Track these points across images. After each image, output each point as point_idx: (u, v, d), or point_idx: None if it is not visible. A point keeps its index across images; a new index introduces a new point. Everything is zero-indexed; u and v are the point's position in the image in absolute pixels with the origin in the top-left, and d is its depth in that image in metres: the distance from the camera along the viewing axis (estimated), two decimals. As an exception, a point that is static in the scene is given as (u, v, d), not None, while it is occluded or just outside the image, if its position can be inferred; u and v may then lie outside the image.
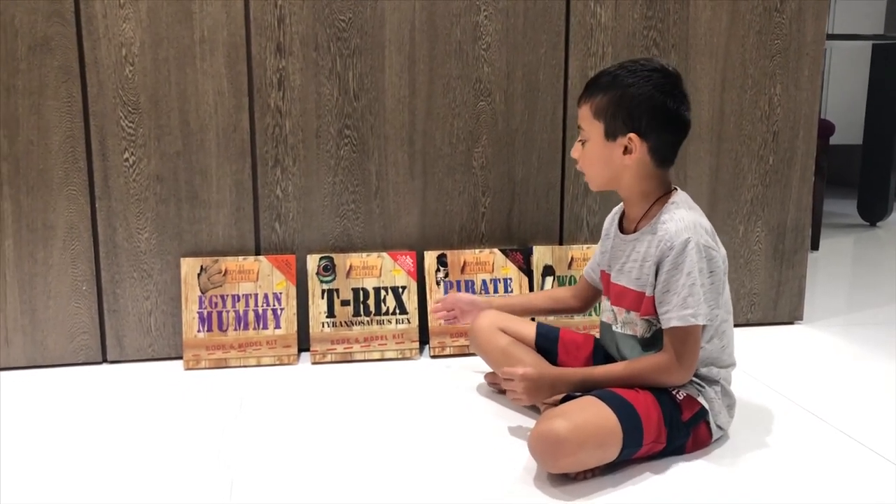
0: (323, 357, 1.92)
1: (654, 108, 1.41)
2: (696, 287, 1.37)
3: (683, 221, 1.40)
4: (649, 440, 1.37)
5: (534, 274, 2.04)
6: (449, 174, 2.01)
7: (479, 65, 1.98)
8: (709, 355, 1.45)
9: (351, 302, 1.94)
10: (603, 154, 1.45)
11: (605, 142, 1.44)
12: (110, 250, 1.88)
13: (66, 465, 1.41)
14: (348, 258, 1.95)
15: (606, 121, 1.43)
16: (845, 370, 1.91)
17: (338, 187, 1.96)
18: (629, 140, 1.42)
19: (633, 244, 1.48)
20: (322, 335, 1.93)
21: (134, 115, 1.85)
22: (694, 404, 1.43)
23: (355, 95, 1.93)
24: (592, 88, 1.46)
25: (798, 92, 2.13)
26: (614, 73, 1.43)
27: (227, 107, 1.89)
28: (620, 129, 1.42)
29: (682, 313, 1.37)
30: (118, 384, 1.80)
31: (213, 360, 1.88)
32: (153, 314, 1.92)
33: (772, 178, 2.16)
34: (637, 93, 1.41)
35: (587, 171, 1.50)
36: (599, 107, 1.43)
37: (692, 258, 1.37)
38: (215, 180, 1.91)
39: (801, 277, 2.22)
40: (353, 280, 1.95)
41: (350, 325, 1.93)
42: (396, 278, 1.97)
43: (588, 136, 1.46)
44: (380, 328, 1.94)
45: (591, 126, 1.45)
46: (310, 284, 1.94)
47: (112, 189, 1.86)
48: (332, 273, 1.94)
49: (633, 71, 1.42)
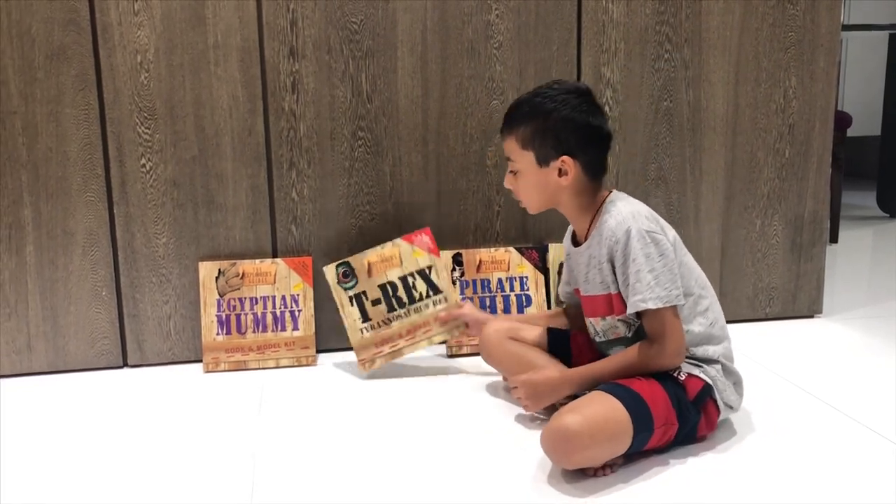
0: (373, 364, 1.85)
1: (578, 128, 1.47)
2: (654, 272, 1.39)
3: (621, 214, 1.45)
4: (660, 423, 1.37)
5: (550, 272, 2.04)
6: (463, 174, 2.01)
7: (491, 64, 1.98)
8: (697, 336, 1.46)
9: (381, 300, 1.86)
10: (538, 181, 1.50)
11: (539, 168, 1.49)
12: (129, 256, 1.90)
13: (89, 468, 1.42)
14: (365, 257, 1.88)
15: (535, 149, 1.48)
16: (865, 363, 1.89)
17: (353, 189, 1.97)
18: (562, 163, 1.47)
19: (587, 252, 1.52)
20: (364, 341, 1.85)
21: (150, 122, 1.87)
22: (696, 382, 1.43)
23: (368, 97, 1.94)
24: (513, 120, 1.50)
25: (813, 84, 2.12)
26: (532, 102, 1.49)
27: (242, 111, 1.90)
28: (551, 154, 1.48)
29: (648, 295, 1.39)
30: (139, 388, 1.82)
31: (232, 363, 1.90)
32: (172, 318, 1.94)
33: (788, 171, 2.15)
34: (559, 116, 1.46)
35: (523, 198, 1.55)
36: (525, 137, 1.49)
37: (636, 245, 1.40)
38: (231, 184, 1.92)
39: (819, 270, 2.21)
40: (377, 277, 1.87)
41: (389, 323, 1.88)
42: (419, 260, 1.88)
43: (519, 166, 1.51)
44: (419, 316, 1.86)
45: (520, 157, 1.50)
46: (335, 296, 1.87)
47: (129, 195, 1.88)
48: (353, 277, 1.87)
49: (549, 96, 1.48)
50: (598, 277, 1.49)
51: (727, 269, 2.14)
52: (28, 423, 1.62)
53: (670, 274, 1.41)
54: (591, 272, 1.50)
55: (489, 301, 2.01)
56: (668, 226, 1.49)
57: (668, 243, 1.43)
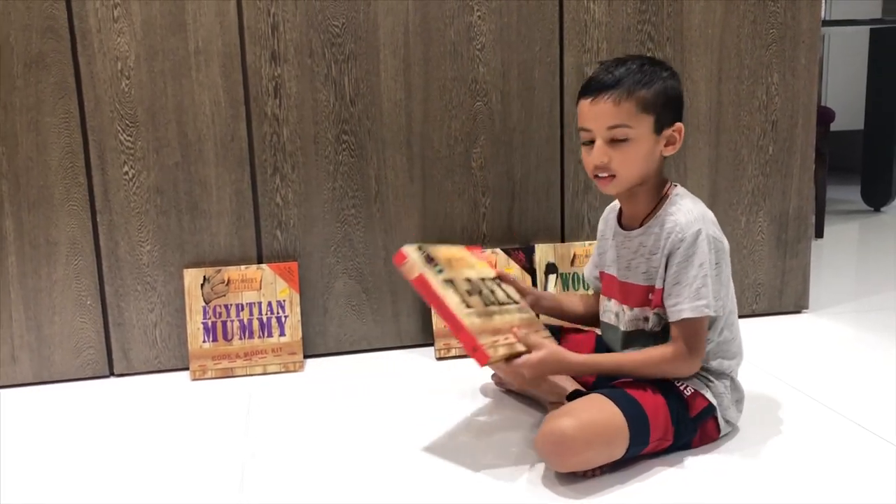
0: (496, 352, 1.37)
1: (682, 100, 1.44)
2: (707, 278, 1.36)
3: (692, 213, 1.39)
4: (656, 437, 1.36)
5: (537, 272, 2.03)
6: (448, 176, 2.01)
7: (474, 65, 1.98)
8: (719, 348, 1.45)
9: (472, 291, 1.46)
10: (649, 149, 1.39)
11: (652, 136, 1.38)
12: (113, 264, 1.89)
13: (78, 479, 1.41)
14: (438, 249, 1.50)
15: (658, 112, 1.37)
16: (852, 358, 1.90)
17: (337, 192, 1.96)
18: (674, 131, 1.41)
19: (639, 239, 1.45)
20: (477, 327, 1.37)
21: (132, 129, 1.85)
22: (701, 400, 1.42)
23: (351, 100, 1.93)
24: (629, 83, 1.36)
25: (795, 80, 2.13)
26: (645, 69, 1.38)
27: (224, 116, 1.89)
28: (668, 120, 1.40)
29: (695, 304, 1.36)
30: (126, 397, 1.80)
31: (219, 370, 1.89)
32: (158, 326, 1.92)
33: (772, 167, 2.15)
34: (674, 84, 1.41)
35: (625, 170, 1.38)
36: (648, 99, 1.36)
37: (703, 249, 1.36)
38: (215, 190, 1.91)
39: (805, 266, 2.22)
40: (458, 270, 1.50)
41: (490, 316, 1.44)
42: (485, 271, 1.59)
43: (632, 133, 1.37)
44: (511, 317, 1.50)
45: (637, 121, 1.36)
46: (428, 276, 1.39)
47: (112, 203, 1.87)
48: (437, 263, 1.46)
49: (658, 65, 1.41)
50: (643, 268, 1.44)
51: (713, 267, 2.15)
52: (14, 436, 1.60)
53: (720, 284, 1.39)
54: (637, 260, 1.45)
55: (476, 303, 1.99)
56: (723, 233, 1.45)
57: (726, 253, 1.42)
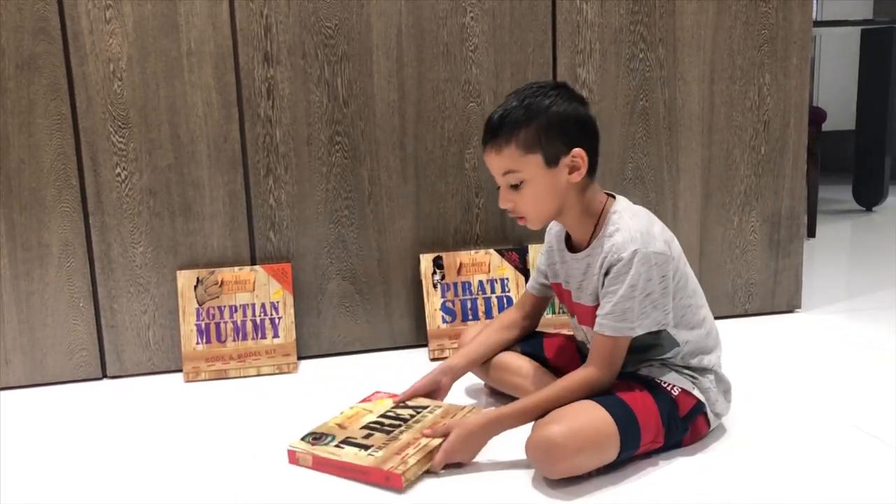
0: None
1: (578, 120, 1.39)
2: (636, 300, 1.34)
3: (630, 231, 1.37)
4: (647, 440, 1.36)
5: (530, 273, 2.04)
6: (441, 177, 2.01)
7: (467, 66, 1.98)
8: (696, 346, 1.45)
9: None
10: (548, 184, 1.38)
11: (547, 170, 1.37)
12: (106, 266, 1.88)
13: (71, 481, 1.41)
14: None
15: (543, 148, 1.36)
16: (845, 359, 1.90)
17: (331, 194, 1.96)
18: (573, 157, 1.38)
19: (586, 261, 1.45)
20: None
21: (124, 130, 1.85)
22: (689, 399, 1.42)
23: (345, 102, 1.93)
24: (509, 126, 1.37)
25: (787, 80, 2.13)
26: (525, 104, 1.37)
27: (217, 118, 1.89)
28: (561, 150, 1.37)
29: (617, 325, 1.36)
30: (120, 399, 1.80)
31: (212, 372, 1.88)
32: (151, 328, 1.92)
33: (764, 167, 2.16)
34: (559, 110, 1.37)
35: (532, 211, 1.41)
36: (528, 138, 1.36)
37: (637, 270, 1.34)
38: (208, 192, 1.91)
39: (797, 265, 2.22)
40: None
41: (396, 438, 1.46)
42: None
43: (523, 175, 1.38)
44: None
45: (524, 163, 1.37)
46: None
47: (105, 204, 1.86)
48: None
49: (540, 94, 1.38)
50: (591, 289, 1.44)
51: (706, 267, 2.15)
52: (7, 438, 1.60)
53: (666, 297, 1.37)
54: (587, 281, 1.45)
55: (470, 304, 2.00)
56: (673, 236, 1.43)
57: (672, 265, 1.39)
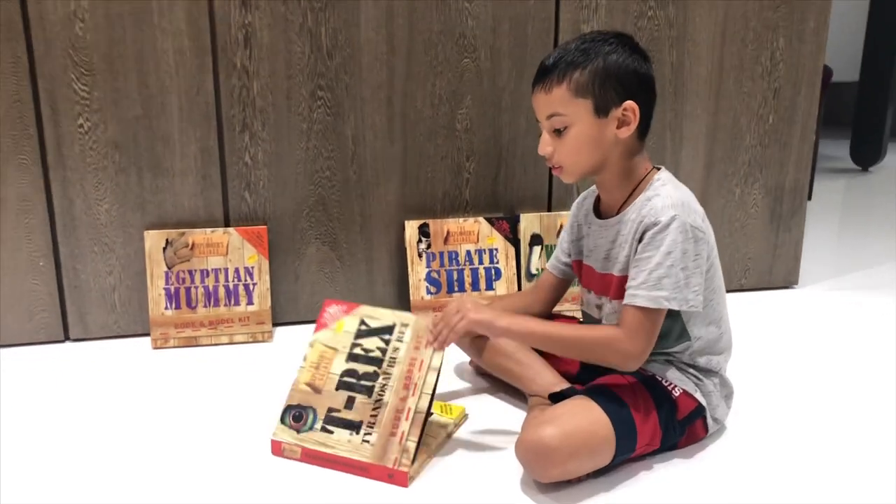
0: None
1: (637, 74, 1.29)
2: (674, 269, 1.24)
3: (671, 198, 1.28)
4: (643, 443, 1.29)
5: (521, 243, 1.94)
6: (431, 138, 1.88)
7: (462, 18, 1.83)
8: (706, 344, 1.37)
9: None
10: (594, 135, 1.28)
11: (596, 119, 1.28)
12: (68, 223, 1.76)
13: (27, 452, 1.32)
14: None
15: (595, 94, 1.27)
16: (844, 336, 1.85)
17: (311, 153, 1.83)
18: (624, 110, 1.28)
19: (616, 228, 1.35)
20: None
21: (87, 77, 1.70)
22: (690, 402, 1.35)
23: (329, 53, 1.78)
24: (563, 65, 1.27)
25: (802, 45, 2.00)
26: (583, 47, 1.28)
27: (189, 67, 1.73)
28: (613, 100, 1.27)
29: (653, 294, 1.25)
30: (83, 363, 1.70)
31: (182, 339, 1.78)
32: (117, 290, 1.81)
33: (771, 137, 2.05)
34: (618, 59, 1.27)
35: (570, 160, 1.31)
36: (582, 82, 1.26)
37: (675, 237, 1.24)
38: (179, 147, 1.77)
39: (797, 240, 2.14)
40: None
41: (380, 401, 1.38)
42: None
43: (569, 120, 1.28)
44: None
45: (573, 107, 1.27)
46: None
47: (67, 158, 1.72)
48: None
49: (601, 40, 1.28)
50: (621, 257, 1.33)
51: (703, 239, 2.06)
52: (-41, 412, 1.50)
53: (700, 277, 1.27)
54: (616, 250, 1.35)
55: (457, 275, 1.91)
56: (709, 224, 1.34)
57: (706, 248, 1.30)
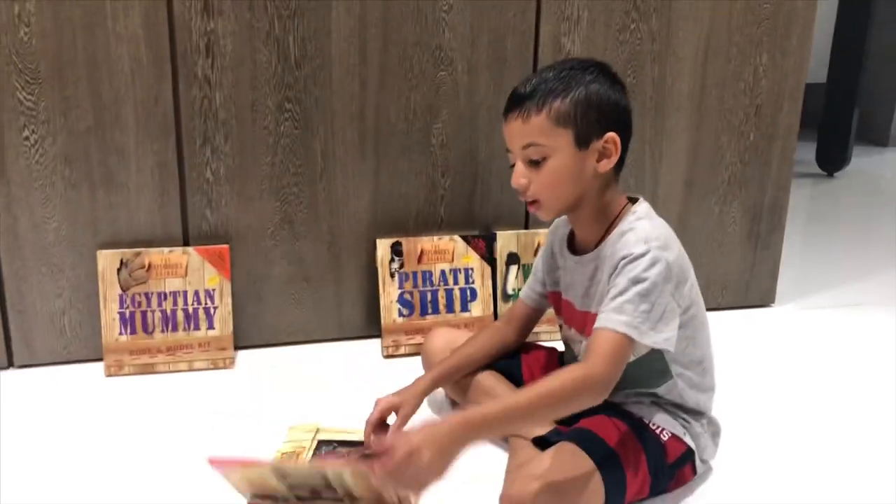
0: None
1: (618, 105, 1.22)
2: (644, 300, 1.15)
3: (645, 232, 1.20)
4: (632, 492, 1.24)
5: (497, 262, 1.86)
6: (404, 153, 1.79)
7: (439, 30, 1.73)
8: (689, 383, 1.30)
9: None
10: (573, 167, 1.20)
11: (576, 151, 1.19)
12: (12, 242, 1.63)
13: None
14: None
15: (577, 125, 1.19)
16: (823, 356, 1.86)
17: (277, 168, 1.72)
18: (605, 142, 1.20)
19: (593, 264, 1.27)
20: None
21: (33, 86, 1.57)
22: (679, 445, 1.30)
23: (297, 63, 1.68)
24: (541, 94, 1.19)
25: (785, 60, 1.95)
26: (562, 75, 1.20)
27: (146, 76, 1.61)
28: (595, 131, 1.20)
29: (622, 318, 1.14)
30: (28, 392, 1.59)
31: (137, 366, 1.67)
32: (67, 313, 1.69)
33: (751, 155, 2.00)
34: (600, 90, 1.20)
35: (548, 194, 1.23)
36: (563, 111, 1.18)
37: (648, 269, 1.16)
38: (134, 161, 1.65)
39: (775, 259, 2.10)
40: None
41: None
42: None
43: (548, 150, 1.20)
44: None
45: (553, 137, 1.19)
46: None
47: (11, 172, 1.59)
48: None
49: (580, 69, 1.21)
50: (598, 295, 1.25)
51: (681, 258, 2.01)
52: None
53: (665, 315, 1.17)
54: (595, 287, 1.27)
55: (431, 295, 1.82)
56: (690, 265, 1.26)
57: (684, 288, 1.22)
